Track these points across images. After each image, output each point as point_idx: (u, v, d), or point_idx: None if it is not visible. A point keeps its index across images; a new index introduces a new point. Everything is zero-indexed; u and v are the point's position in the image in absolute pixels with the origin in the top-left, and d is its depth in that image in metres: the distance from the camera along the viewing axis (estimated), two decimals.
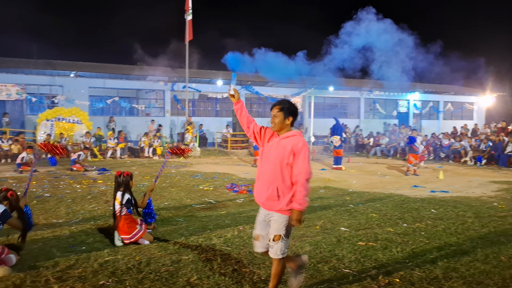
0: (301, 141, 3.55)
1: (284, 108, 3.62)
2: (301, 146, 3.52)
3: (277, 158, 3.56)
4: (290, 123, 3.65)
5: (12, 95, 20.20)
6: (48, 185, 10.19)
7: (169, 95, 23.72)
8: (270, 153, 3.64)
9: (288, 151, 3.52)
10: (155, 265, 4.51)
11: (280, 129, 3.64)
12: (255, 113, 26.25)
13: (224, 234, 5.75)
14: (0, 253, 4.32)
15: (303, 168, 3.49)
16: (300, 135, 3.64)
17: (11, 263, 4.36)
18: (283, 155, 3.53)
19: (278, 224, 3.54)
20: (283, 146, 3.56)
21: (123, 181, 5.47)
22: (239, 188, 9.84)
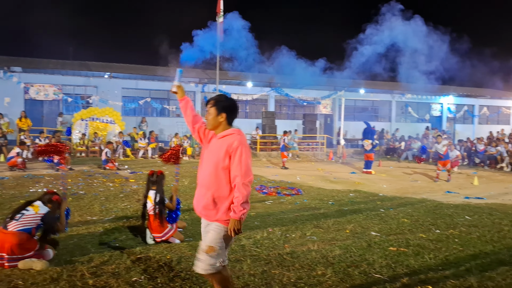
0: (237, 140, 3.15)
1: (216, 104, 3.28)
2: (237, 146, 3.12)
3: (212, 161, 3.19)
4: (225, 121, 3.27)
5: (49, 95, 20.90)
6: (83, 183, 10.49)
7: (199, 96, 24.00)
8: (207, 156, 3.30)
9: (223, 153, 3.13)
10: (185, 263, 4.58)
11: (214, 127, 3.29)
12: (284, 115, 26.24)
13: (253, 236, 5.77)
14: (37, 248, 4.48)
15: (240, 171, 3.08)
16: (238, 133, 3.24)
17: (48, 257, 4.52)
18: (218, 157, 3.15)
19: (213, 234, 3.16)
20: (218, 147, 3.19)
21: (156, 181, 5.57)
22: (268, 190, 9.86)
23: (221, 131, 3.28)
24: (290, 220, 6.92)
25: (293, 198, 9.17)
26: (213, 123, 3.29)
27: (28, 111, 19.43)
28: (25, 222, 4.45)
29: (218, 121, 3.27)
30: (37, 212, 4.57)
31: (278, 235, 5.86)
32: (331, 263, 4.71)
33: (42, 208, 4.66)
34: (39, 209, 4.62)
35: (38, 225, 4.55)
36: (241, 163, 3.09)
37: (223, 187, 3.15)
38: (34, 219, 4.52)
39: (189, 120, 3.54)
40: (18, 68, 20.39)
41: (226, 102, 3.31)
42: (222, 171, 3.14)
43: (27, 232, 4.42)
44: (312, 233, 6.02)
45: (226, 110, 3.28)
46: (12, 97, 20.08)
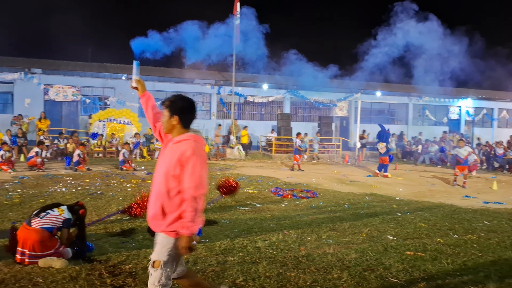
0: (190, 148, 2.83)
1: (169, 105, 2.99)
2: (190, 155, 2.81)
3: (163, 168, 2.92)
4: (179, 124, 2.97)
5: (68, 97, 21.25)
6: (100, 183, 10.63)
7: (215, 98, 24.11)
8: (160, 161, 3.03)
9: (175, 160, 2.84)
10: (201, 264, 4.61)
11: (168, 130, 3.02)
12: (300, 118, 26.19)
13: (269, 238, 5.78)
14: (57, 247, 4.57)
15: (191, 183, 2.78)
16: (193, 140, 2.91)
17: (67, 256, 4.60)
18: (170, 164, 2.87)
19: (160, 248, 2.89)
20: (172, 153, 2.90)
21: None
22: (284, 192, 9.85)
23: (177, 135, 2.98)
24: (305, 222, 6.91)
25: (309, 200, 9.15)
26: (167, 126, 3.01)
27: (48, 112, 19.78)
28: (48, 221, 4.57)
29: (171, 124, 2.98)
30: (61, 214, 4.69)
31: (294, 237, 5.86)
32: (347, 267, 4.69)
33: (67, 213, 4.78)
34: (63, 212, 4.75)
35: (59, 227, 4.65)
36: (193, 174, 2.79)
37: (173, 197, 2.86)
38: (57, 220, 4.64)
39: (149, 117, 3.31)
40: (38, 69, 20.78)
41: (178, 103, 3.00)
42: (172, 180, 2.85)
43: (49, 231, 4.52)
44: (328, 236, 6.00)
45: (179, 112, 2.97)
46: (32, 98, 20.48)
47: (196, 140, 2.92)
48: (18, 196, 8.43)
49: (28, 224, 4.52)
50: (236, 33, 20.00)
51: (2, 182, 10.22)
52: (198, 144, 2.91)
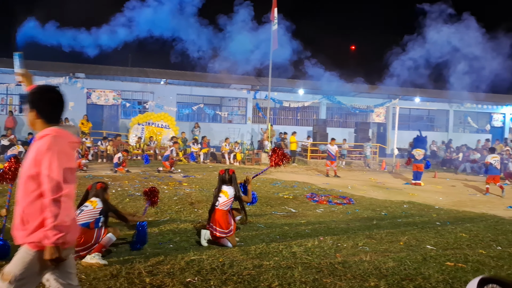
0: (47, 143, 2.48)
1: (28, 98, 2.68)
2: (44, 151, 2.46)
3: (23, 169, 2.58)
4: (39, 119, 2.61)
5: (109, 100, 21.94)
6: (139, 185, 10.89)
7: (251, 103, 24.26)
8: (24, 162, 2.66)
9: (32, 159, 2.49)
10: (237, 267, 4.64)
11: (32, 126, 2.67)
12: (336, 123, 25.94)
13: (304, 243, 5.76)
14: (96, 238, 4.71)
15: (49, 183, 2.41)
16: (52, 134, 2.54)
17: (110, 242, 4.76)
18: (27, 164, 2.53)
19: (14, 259, 2.50)
20: (31, 151, 2.56)
21: (230, 179, 5.82)
22: (319, 198, 9.78)
23: (40, 130, 2.62)
24: (341, 229, 6.83)
25: (345, 207, 9.04)
26: (29, 122, 2.67)
27: (90, 115, 20.50)
28: (83, 217, 4.77)
29: (31, 119, 2.64)
30: (96, 207, 4.88)
31: (330, 244, 5.81)
32: (384, 275, 4.61)
33: (100, 202, 4.97)
34: (97, 204, 4.93)
35: (97, 219, 4.84)
36: (50, 173, 2.42)
37: (32, 202, 2.48)
38: (93, 214, 4.85)
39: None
40: (82, 74, 21.58)
41: (35, 95, 2.67)
42: (30, 182, 2.49)
43: (85, 226, 4.70)
44: (365, 244, 5.91)
45: (36, 105, 2.62)
46: (75, 102, 21.26)
47: (56, 135, 2.54)
48: None
49: None
50: (273, 39, 20.08)
51: None
52: (58, 139, 2.53)
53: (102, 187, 5.17)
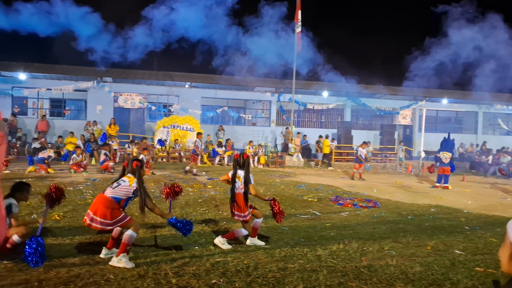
0: None
1: None
2: None
3: None
4: None
5: (135, 104, 22.33)
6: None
7: (275, 106, 24.27)
8: None
9: None
10: (262, 270, 4.66)
11: None
12: (361, 126, 25.67)
13: (329, 246, 5.73)
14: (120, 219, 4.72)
15: None
16: None
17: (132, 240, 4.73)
18: None
19: None
20: None
21: (243, 163, 5.84)
22: (344, 201, 9.71)
23: None
24: (367, 233, 6.77)
25: (370, 210, 8.95)
26: None
27: (117, 118, 20.93)
28: (118, 191, 4.78)
29: None
30: (131, 184, 4.84)
31: (355, 247, 5.76)
32: (411, 280, 4.54)
33: (135, 181, 4.92)
34: (133, 182, 4.87)
35: (129, 197, 4.85)
36: None
37: None
38: (127, 191, 4.81)
39: None
40: (109, 78, 22.05)
41: None
42: None
43: (116, 201, 4.74)
44: (391, 248, 5.84)
45: None
46: (103, 105, 21.76)
47: None
48: (91, 196, 8.98)
49: (103, 193, 4.81)
50: (297, 41, 20.07)
51: (76, 183, 10.93)
52: None
53: (138, 165, 5.01)
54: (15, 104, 21.41)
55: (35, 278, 4.12)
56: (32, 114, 22.18)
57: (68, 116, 23.62)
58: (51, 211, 5.90)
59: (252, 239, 5.80)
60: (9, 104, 20.83)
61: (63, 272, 4.31)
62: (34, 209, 7.41)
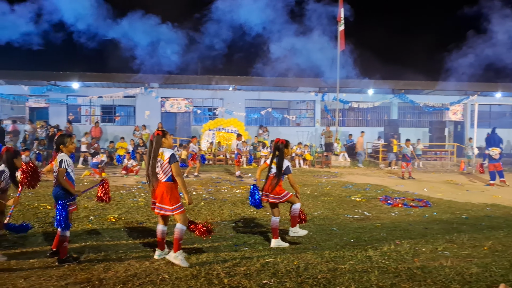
0: None
1: None
2: None
3: None
4: None
5: (181, 108, 22.89)
6: (212, 189, 11.25)
7: (319, 106, 24.09)
8: None
9: None
10: (312, 270, 4.66)
11: None
12: (409, 123, 24.96)
13: (380, 247, 5.64)
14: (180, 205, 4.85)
15: None
16: None
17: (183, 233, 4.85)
18: None
19: None
20: None
21: (277, 148, 5.86)
22: (394, 201, 9.49)
23: None
24: (418, 233, 6.59)
25: (421, 210, 8.70)
26: None
27: (164, 123, 21.52)
28: (164, 171, 4.86)
29: None
30: (164, 158, 4.86)
31: (407, 248, 5.63)
32: (467, 281, 4.40)
33: (166, 152, 4.90)
34: (164, 155, 4.88)
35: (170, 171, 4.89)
36: None
37: None
38: (168, 167, 4.86)
39: None
40: (156, 84, 22.72)
41: None
42: None
43: (170, 181, 4.87)
44: (445, 248, 5.66)
45: None
46: (151, 110, 22.45)
47: None
48: (143, 199, 9.31)
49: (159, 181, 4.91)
50: (340, 39, 19.83)
51: (128, 186, 11.35)
52: None
53: (159, 134, 4.95)
54: (70, 111, 22.52)
55: (96, 277, 4.34)
56: (85, 121, 23.24)
57: (118, 122, 24.57)
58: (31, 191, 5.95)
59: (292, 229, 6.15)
60: (64, 112, 21.94)
61: (121, 271, 4.52)
62: (91, 211, 7.77)
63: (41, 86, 21.73)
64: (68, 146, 5.03)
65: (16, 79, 21.70)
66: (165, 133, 5.00)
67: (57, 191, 4.84)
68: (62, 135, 5.11)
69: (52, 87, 21.80)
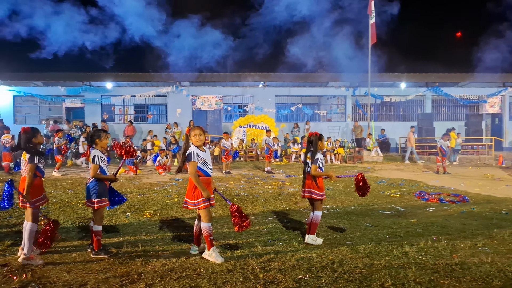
0: None
1: None
2: None
3: None
4: None
5: (212, 105, 23.08)
6: (244, 185, 11.32)
7: (350, 101, 23.79)
8: None
9: None
10: (347, 266, 4.63)
11: None
12: (443, 117, 24.31)
13: (416, 243, 5.53)
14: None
15: None
16: None
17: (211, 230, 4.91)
18: None
19: None
20: None
21: (310, 141, 5.78)
22: (429, 196, 9.29)
23: None
24: (456, 229, 6.43)
25: (458, 206, 8.48)
26: None
27: (195, 120, 21.76)
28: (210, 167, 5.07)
29: None
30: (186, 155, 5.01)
31: (444, 244, 5.51)
32: (510, 278, 4.27)
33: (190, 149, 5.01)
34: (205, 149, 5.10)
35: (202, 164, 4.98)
36: None
37: None
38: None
39: None
40: (186, 82, 23.01)
41: None
42: None
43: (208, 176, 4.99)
44: (484, 244, 5.50)
45: None
46: (182, 108, 22.76)
47: None
48: (176, 195, 9.47)
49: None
50: (371, 33, 19.51)
51: (162, 183, 11.56)
52: None
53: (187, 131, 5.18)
54: (104, 111, 23.11)
55: (134, 271, 4.46)
56: (119, 120, 23.79)
57: (151, 120, 25.01)
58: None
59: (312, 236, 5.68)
60: (99, 112, 22.53)
61: (158, 266, 4.62)
62: (128, 208, 7.97)
63: (77, 86, 22.40)
64: (103, 140, 5.22)
65: (53, 80, 22.46)
66: (191, 129, 5.11)
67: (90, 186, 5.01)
68: (98, 129, 5.31)
69: (87, 87, 22.43)
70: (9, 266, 4.58)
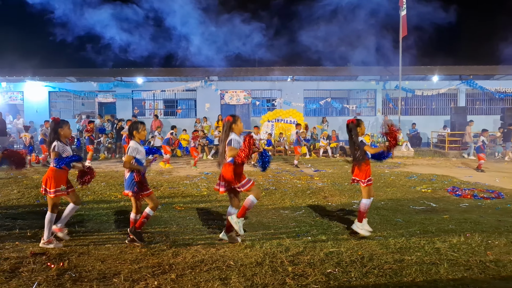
0: None
1: None
2: None
3: None
4: None
5: (240, 100, 23.18)
6: (272, 179, 11.33)
7: (381, 95, 23.40)
8: None
9: None
10: (377, 261, 4.59)
11: None
12: (478, 111, 23.57)
13: (448, 239, 5.42)
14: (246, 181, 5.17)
15: None
16: None
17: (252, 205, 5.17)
18: None
19: None
20: None
21: (349, 129, 5.91)
22: (463, 192, 9.06)
23: None
24: (491, 225, 6.26)
25: (493, 202, 8.24)
26: None
27: (224, 115, 21.88)
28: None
29: None
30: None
31: (478, 240, 5.37)
32: None
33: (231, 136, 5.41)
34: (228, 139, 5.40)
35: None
36: None
37: None
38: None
39: None
40: (215, 77, 23.17)
41: None
42: None
43: (232, 163, 5.21)
44: None
45: None
46: (211, 103, 22.94)
47: None
48: (205, 189, 9.57)
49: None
50: (402, 25, 19.08)
51: (192, 177, 11.71)
52: None
53: (229, 120, 5.47)
54: (135, 106, 23.54)
55: (166, 262, 4.55)
56: (149, 115, 24.18)
57: (180, 115, 25.31)
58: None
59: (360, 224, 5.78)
60: (130, 106, 22.97)
61: (189, 257, 4.70)
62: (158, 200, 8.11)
63: (109, 82, 22.91)
64: (141, 132, 5.37)
65: (86, 76, 23.05)
66: (235, 119, 5.41)
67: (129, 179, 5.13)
68: (135, 122, 5.45)
69: (118, 82, 22.91)
70: (47, 255, 4.76)
